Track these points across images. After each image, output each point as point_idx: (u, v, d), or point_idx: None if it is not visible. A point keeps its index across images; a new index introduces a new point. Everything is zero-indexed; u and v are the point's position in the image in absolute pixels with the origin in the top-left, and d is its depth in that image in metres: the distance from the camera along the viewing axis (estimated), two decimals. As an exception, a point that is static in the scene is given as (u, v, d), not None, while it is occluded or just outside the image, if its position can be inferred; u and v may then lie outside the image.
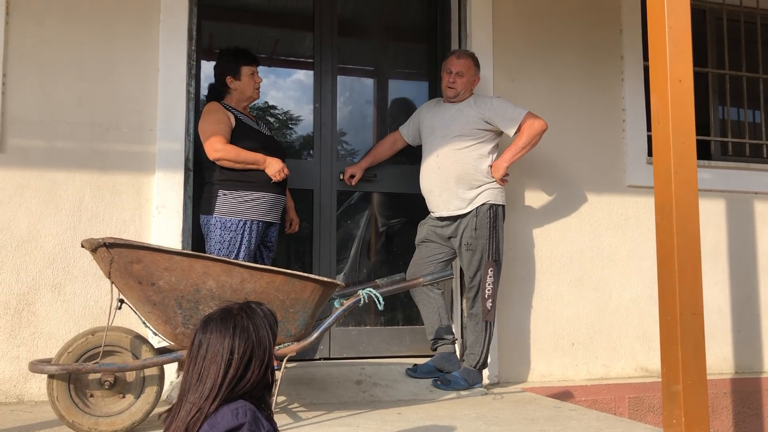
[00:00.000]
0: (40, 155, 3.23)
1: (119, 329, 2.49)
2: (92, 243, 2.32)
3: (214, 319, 1.59)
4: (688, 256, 2.42)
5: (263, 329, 1.59)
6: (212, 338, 1.55)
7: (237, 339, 1.54)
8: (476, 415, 2.83)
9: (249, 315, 1.59)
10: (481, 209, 3.39)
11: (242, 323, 1.57)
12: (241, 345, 1.54)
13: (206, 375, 1.52)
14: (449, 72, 3.52)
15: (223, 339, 1.54)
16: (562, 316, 3.93)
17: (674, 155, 2.45)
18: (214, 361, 1.53)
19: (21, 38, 3.24)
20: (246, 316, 1.59)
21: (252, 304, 1.65)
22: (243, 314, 1.59)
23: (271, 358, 1.59)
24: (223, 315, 1.59)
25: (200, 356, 1.54)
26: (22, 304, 3.15)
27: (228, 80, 3.29)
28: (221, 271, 2.33)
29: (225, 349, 1.53)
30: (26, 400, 3.10)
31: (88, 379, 2.42)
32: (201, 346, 1.55)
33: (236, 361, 1.53)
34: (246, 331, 1.56)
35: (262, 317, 1.61)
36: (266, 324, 1.60)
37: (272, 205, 3.24)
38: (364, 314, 3.90)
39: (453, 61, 3.54)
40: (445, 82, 3.53)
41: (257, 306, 1.65)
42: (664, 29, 2.48)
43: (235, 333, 1.55)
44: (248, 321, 1.58)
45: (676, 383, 2.37)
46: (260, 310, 1.63)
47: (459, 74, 3.51)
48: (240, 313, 1.59)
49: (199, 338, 1.57)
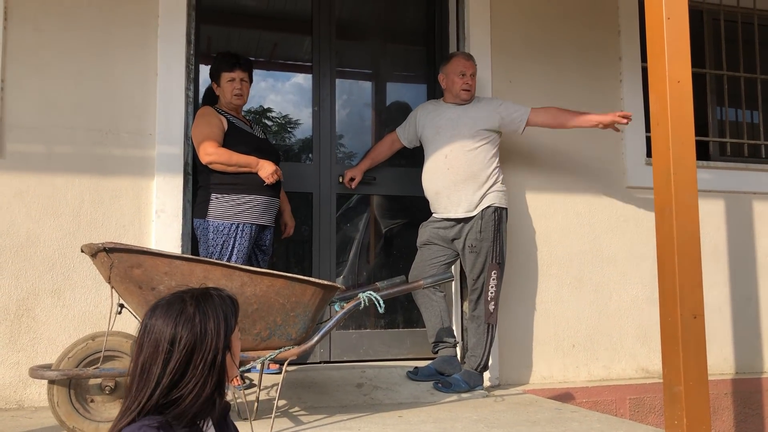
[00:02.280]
0: (39, 160, 3.22)
1: (119, 334, 2.48)
2: (92, 248, 2.32)
3: (162, 305, 1.44)
4: (689, 257, 2.42)
5: (212, 320, 1.41)
6: (156, 324, 1.40)
7: (179, 327, 1.38)
8: (477, 418, 2.82)
9: (199, 303, 1.43)
10: (486, 212, 3.40)
11: (188, 311, 1.40)
12: (183, 335, 1.37)
13: (148, 365, 1.37)
14: (463, 74, 3.52)
15: (166, 326, 1.39)
16: (562, 317, 3.93)
17: (673, 156, 2.45)
18: (156, 350, 1.37)
19: (19, 43, 3.23)
20: (195, 303, 1.42)
21: (210, 290, 1.49)
22: (193, 301, 1.43)
23: (218, 356, 1.40)
24: (171, 300, 1.44)
25: (144, 343, 1.40)
26: (22, 309, 3.14)
27: (213, 85, 3.34)
28: (221, 275, 2.33)
29: (166, 338, 1.37)
30: (26, 405, 3.10)
31: (88, 385, 2.41)
32: (146, 333, 1.41)
33: (176, 353, 1.36)
34: (191, 320, 1.39)
35: (215, 306, 1.44)
36: (218, 314, 1.43)
37: (265, 208, 3.24)
38: (365, 317, 3.89)
39: (465, 63, 3.55)
40: (460, 84, 3.52)
41: (215, 293, 1.48)
42: (663, 30, 2.49)
43: (179, 321, 1.39)
44: (196, 309, 1.41)
45: (678, 384, 2.37)
46: (217, 297, 1.46)
47: (473, 75, 3.54)
48: (190, 300, 1.43)
49: (144, 322, 1.43)
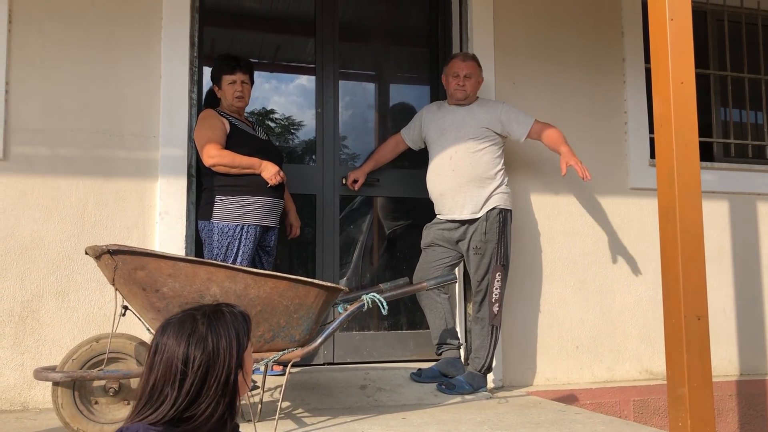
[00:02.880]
0: (43, 163, 3.23)
1: (123, 336, 2.49)
2: (96, 250, 2.32)
3: (173, 323, 1.43)
4: (693, 258, 2.41)
5: (225, 339, 1.41)
6: (168, 344, 1.39)
7: (192, 348, 1.38)
8: (481, 420, 2.82)
9: (211, 321, 1.42)
10: (491, 213, 3.40)
11: (200, 331, 1.40)
12: (196, 356, 1.37)
13: (160, 385, 1.36)
14: (456, 75, 3.53)
15: (178, 346, 1.38)
16: (566, 319, 3.92)
17: (677, 157, 2.45)
18: (169, 370, 1.37)
19: (23, 46, 3.25)
20: (207, 322, 1.42)
21: (222, 307, 1.48)
22: (204, 320, 1.42)
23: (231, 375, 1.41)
24: (182, 319, 1.43)
25: (156, 362, 1.39)
26: (26, 311, 3.15)
27: (215, 88, 3.34)
28: (225, 277, 2.33)
29: (179, 358, 1.37)
30: (31, 407, 3.10)
31: (92, 386, 2.42)
32: (157, 352, 1.40)
33: (191, 374, 1.36)
34: (203, 340, 1.39)
35: (227, 325, 1.43)
36: (230, 333, 1.42)
37: (269, 210, 3.25)
38: (368, 319, 3.89)
39: (459, 65, 3.54)
40: (453, 86, 3.53)
41: (227, 309, 1.48)
42: (666, 31, 2.48)
43: (191, 341, 1.39)
44: (208, 329, 1.40)
45: (682, 386, 2.37)
46: (229, 315, 1.46)
47: (467, 77, 3.52)
48: (202, 318, 1.43)
49: (155, 341, 1.42)
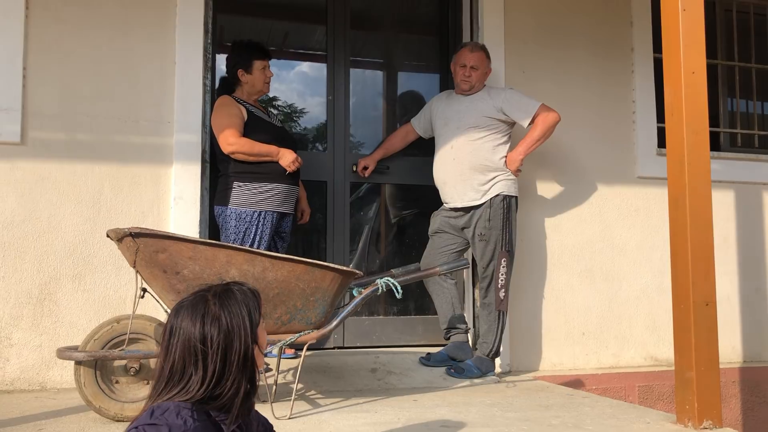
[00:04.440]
0: (60, 147, 3.28)
1: (143, 317, 2.54)
2: (118, 233, 2.37)
3: (186, 305, 1.45)
4: (702, 246, 2.47)
5: (237, 316, 1.44)
6: (183, 326, 1.42)
7: (208, 327, 1.41)
8: (491, 402, 2.88)
9: (223, 301, 1.45)
10: (494, 200, 3.44)
11: (213, 311, 1.43)
12: (213, 335, 1.40)
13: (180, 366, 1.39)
14: (463, 65, 3.56)
15: (194, 327, 1.41)
16: (572, 306, 3.98)
17: (687, 147, 2.49)
18: (187, 351, 1.40)
19: (40, 32, 3.28)
20: (219, 302, 1.44)
21: (231, 286, 1.50)
22: (216, 300, 1.45)
23: (248, 350, 1.44)
24: (194, 301, 1.45)
25: (172, 345, 1.42)
26: (44, 293, 3.21)
27: (239, 73, 3.34)
28: (244, 260, 2.38)
29: (197, 338, 1.40)
30: (49, 387, 3.17)
31: (113, 366, 2.48)
32: (173, 335, 1.43)
33: (211, 354, 1.39)
34: (218, 319, 1.42)
35: (238, 302, 1.46)
36: (242, 310, 1.45)
37: (286, 196, 3.30)
38: (377, 304, 3.95)
39: (467, 55, 3.57)
40: (460, 76, 3.57)
41: (236, 287, 1.50)
42: (678, 22, 2.52)
43: (205, 321, 1.41)
44: (220, 308, 1.43)
45: (690, 370, 2.42)
46: (239, 293, 1.48)
47: (473, 68, 3.55)
48: (213, 298, 1.45)
49: (170, 324, 1.44)
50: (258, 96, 3.39)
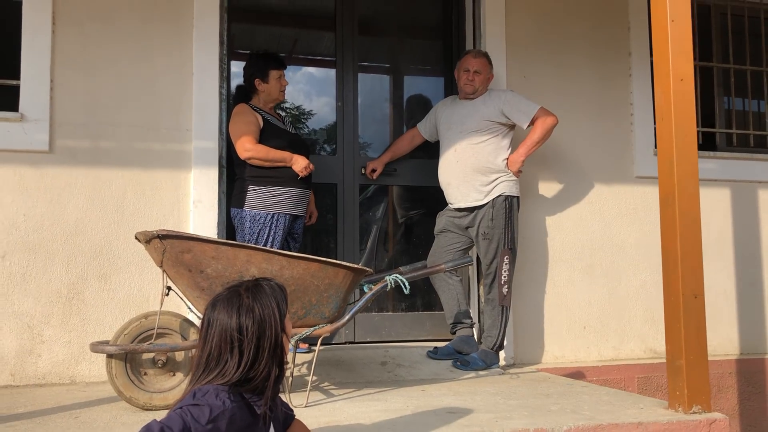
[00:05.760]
0: (85, 155, 3.47)
1: (169, 313, 2.72)
2: (146, 235, 2.56)
3: (221, 299, 1.63)
4: (690, 241, 2.62)
5: (268, 308, 1.62)
6: (220, 318, 1.60)
7: (243, 318, 1.59)
8: (495, 391, 3.05)
9: (254, 294, 1.63)
10: (497, 200, 3.61)
11: (247, 303, 1.61)
12: (248, 325, 1.59)
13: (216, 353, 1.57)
14: (467, 70, 3.73)
15: (230, 319, 1.59)
16: (574, 301, 4.14)
17: (677, 148, 2.65)
18: (225, 341, 1.58)
19: (66, 46, 3.48)
20: (251, 296, 1.62)
21: (260, 281, 1.69)
22: (248, 294, 1.63)
23: (278, 338, 1.62)
24: (229, 296, 1.64)
25: (209, 336, 1.60)
26: (72, 292, 3.40)
27: (257, 82, 3.52)
28: (262, 259, 2.56)
29: (233, 328, 1.58)
30: (78, 381, 3.36)
31: (142, 359, 2.66)
32: (210, 326, 1.61)
33: (246, 341, 1.57)
34: (251, 311, 1.60)
35: (268, 296, 1.64)
36: (272, 302, 1.64)
37: (299, 200, 3.48)
38: (386, 301, 4.13)
39: (470, 61, 3.75)
40: (464, 80, 3.74)
41: (265, 282, 1.68)
42: (667, 32, 2.68)
43: (241, 313, 1.59)
44: (253, 301, 1.61)
45: (680, 358, 2.58)
46: (267, 288, 1.66)
47: (477, 72, 3.72)
48: (246, 293, 1.63)
49: (207, 317, 1.62)
50: (274, 104, 3.58)
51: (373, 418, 2.48)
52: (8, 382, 3.28)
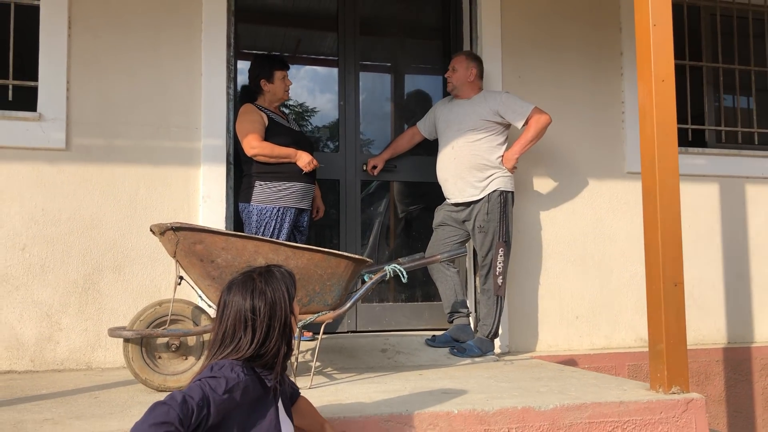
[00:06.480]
0: (100, 152, 3.65)
1: (182, 301, 2.90)
2: (161, 227, 2.73)
3: (237, 283, 1.81)
4: (670, 233, 2.78)
5: (279, 291, 1.80)
6: (235, 300, 1.77)
7: (256, 300, 1.76)
8: (488, 376, 3.23)
9: (266, 279, 1.80)
10: (492, 195, 3.78)
11: (260, 287, 1.78)
12: (261, 306, 1.76)
13: (231, 331, 1.75)
14: (447, 70, 3.96)
15: (245, 300, 1.76)
16: (567, 291, 4.31)
17: (658, 145, 2.81)
18: (239, 320, 1.75)
19: (81, 49, 3.65)
20: (264, 280, 1.80)
21: (272, 267, 1.86)
22: (261, 278, 1.80)
23: (287, 319, 1.80)
24: (243, 280, 1.81)
25: (225, 316, 1.76)
26: (88, 283, 3.59)
27: (262, 83, 3.69)
28: (269, 249, 2.74)
29: (247, 309, 1.75)
30: (94, 366, 3.55)
31: (157, 343, 2.84)
32: (226, 307, 1.77)
33: (259, 321, 1.75)
34: (264, 294, 1.77)
35: (279, 280, 1.82)
36: (282, 286, 1.81)
37: (303, 194, 3.65)
38: (387, 292, 4.31)
39: (452, 61, 3.98)
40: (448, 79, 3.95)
41: (276, 269, 1.86)
42: (649, 36, 2.84)
43: (254, 295, 1.76)
44: (265, 285, 1.79)
45: (660, 343, 2.75)
46: (278, 273, 1.84)
47: (453, 69, 3.93)
48: (258, 277, 1.81)
49: (224, 299, 1.79)
50: (278, 103, 3.75)
51: (372, 397, 2.66)
52: (28, 368, 3.47)
